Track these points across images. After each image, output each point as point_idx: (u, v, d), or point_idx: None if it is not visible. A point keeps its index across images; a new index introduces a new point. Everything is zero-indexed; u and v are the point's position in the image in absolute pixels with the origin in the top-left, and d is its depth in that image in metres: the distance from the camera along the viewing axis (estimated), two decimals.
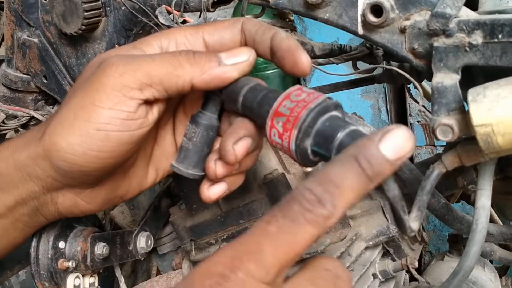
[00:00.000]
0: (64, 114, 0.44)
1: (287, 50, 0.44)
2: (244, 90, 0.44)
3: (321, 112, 0.39)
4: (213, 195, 0.46)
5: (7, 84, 0.76)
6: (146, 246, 0.63)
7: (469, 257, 0.48)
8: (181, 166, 0.47)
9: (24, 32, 0.72)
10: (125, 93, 0.42)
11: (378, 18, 0.49)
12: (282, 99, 0.41)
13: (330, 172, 0.33)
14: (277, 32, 0.45)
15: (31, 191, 0.47)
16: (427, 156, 1.49)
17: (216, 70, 0.43)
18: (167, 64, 0.43)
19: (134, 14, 0.61)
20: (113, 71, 0.42)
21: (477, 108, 0.41)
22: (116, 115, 0.42)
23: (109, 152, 0.43)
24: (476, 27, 0.44)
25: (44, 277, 0.54)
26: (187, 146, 0.47)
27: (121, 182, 0.49)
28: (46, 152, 0.44)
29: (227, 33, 0.46)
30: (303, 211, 0.32)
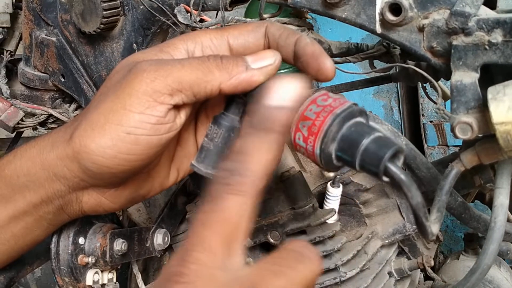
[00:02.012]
0: (94, 117, 0.44)
1: (311, 55, 0.44)
2: None
3: (347, 118, 0.39)
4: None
5: (25, 83, 0.77)
6: (163, 243, 0.64)
7: (487, 255, 0.48)
8: (201, 166, 0.47)
9: (42, 31, 0.73)
10: (156, 98, 0.43)
11: (397, 16, 0.49)
12: (309, 103, 0.41)
13: (235, 145, 0.36)
14: (301, 37, 0.45)
15: (57, 190, 0.47)
16: (439, 156, 1.48)
17: (244, 74, 0.44)
18: (197, 70, 0.43)
19: (152, 13, 0.62)
20: (145, 76, 0.43)
21: (497, 106, 0.41)
22: (146, 119, 0.43)
23: (138, 155, 0.44)
24: (496, 25, 0.44)
25: (64, 272, 0.55)
26: (208, 146, 0.47)
27: (145, 182, 0.50)
28: (76, 154, 0.45)
29: (251, 37, 0.47)
30: (222, 187, 0.34)
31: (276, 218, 0.60)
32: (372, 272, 0.61)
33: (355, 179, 0.61)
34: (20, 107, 0.74)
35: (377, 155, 0.36)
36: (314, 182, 0.61)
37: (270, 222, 0.61)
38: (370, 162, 0.36)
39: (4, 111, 0.72)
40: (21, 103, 0.75)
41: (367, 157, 0.37)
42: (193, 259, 0.33)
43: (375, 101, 1.60)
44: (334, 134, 0.39)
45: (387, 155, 0.36)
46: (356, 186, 0.61)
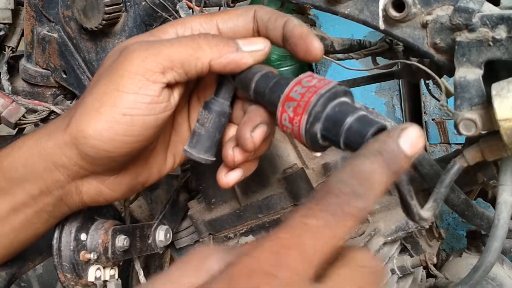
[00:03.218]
0: (89, 101, 0.45)
1: (299, 36, 0.45)
2: (257, 76, 0.45)
3: (331, 98, 0.40)
4: (231, 181, 0.48)
5: (27, 79, 0.77)
6: (165, 239, 0.64)
7: (491, 253, 0.48)
8: (193, 151, 0.48)
9: (44, 27, 0.73)
10: (149, 77, 0.43)
11: (400, 12, 0.49)
12: (294, 84, 0.41)
13: (360, 166, 0.33)
14: (289, 19, 0.46)
15: (56, 180, 0.47)
16: (441, 154, 1.48)
17: (234, 54, 0.45)
18: (187, 47, 0.44)
19: (154, 9, 0.62)
20: (135, 56, 0.43)
21: (501, 103, 0.41)
22: (141, 99, 0.43)
23: (135, 136, 0.44)
24: (500, 21, 0.44)
25: (66, 269, 0.55)
26: (199, 132, 0.48)
27: (143, 169, 0.50)
28: (73, 140, 0.45)
29: (240, 20, 0.47)
30: (341, 204, 0.32)
31: (278, 215, 0.60)
32: None
33: None
34: (22, 103, 0.73)
35: (360, 133, 0.37)
36: (317, 179, 0.61)
37: (273, 219, 0.61)
38: (354, 140, 0.37)
39: (6, 108, 0.71)
40: (23, 100, 0.75)
41: (351, 135, 0.37)
42: (288, 265, 0.30)
43: (377, 99, 1.60)
44: (319, 113, 0.39)
45: (370, 132, 0.36)
46: None
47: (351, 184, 0.32)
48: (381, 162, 0.33)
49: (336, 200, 0.32)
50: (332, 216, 0.31)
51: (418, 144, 0.34)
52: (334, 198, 0.32)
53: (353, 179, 0.32)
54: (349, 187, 0.32)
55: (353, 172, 0.33)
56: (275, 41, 0.47)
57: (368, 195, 0.32)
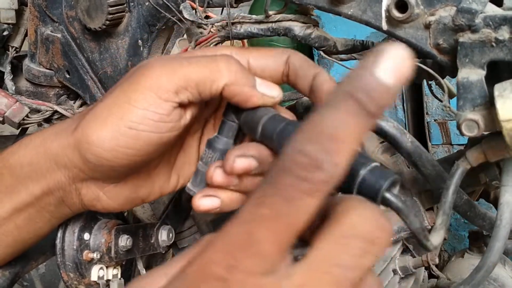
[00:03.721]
0: (99, 110, 0.45)
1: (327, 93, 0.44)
2: (264, 119, 0.44)
3: None
4: (202, 206, 0.45)
5: (30, 79, 0.77)
6: (167, 239, 0.64)
7: (493, 253, 0.48)
8: (197, 190, 0.47)
9: (48, 27, 0.73)
10: (161, 95, 0.43)
11: (403, 13, 0.49)
12: None
13: (323, 121, 0.26)
14: (321, 72, 0.46)
15: (58, 181, 0.47)
16: (443, 154, 1.48)
17: (247, 88, 0.44)
18: (204, 68, 0.43)
19: (157, 9, 0.62)
20: (151, 72, 0.43)
21: (504, 103, 0.41)
22: (149, 116, 0.43)
23: (137, 150, 0.44)
24: (503, 22, 0.44)
25: (69, 268, 0.55)
26: (203, 171, 0.47)
27: (144, 183, 0.50)
28: (77, 143, 0.45)
29: (272, 61, 0.47)
30: (299, 183, 0.26)
31: None
32: (377, 270, 0.61)
33: None
34: (25, 103, 0.74)
35: (374, 187, 0.36)
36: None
37: None
38: (367, 193, 0.37)
39: (10, 107, 0.72)
40: (26, 99, 0.75)
41: (364, 188, 0.37)
42: (242, 267, 0.27)
43: None
44: None
45: (384, 186, 0.36)
46: None
47: (310, 151, 0.26)
48: (353, 106, 0.26)
49: (291, 179, 0.26)
50: (288, 202, 0.26)
51: (403, 67, 0.26)
52: (288, 177, 0.26)
53: (311, 144, 0.26)
54: (308, 156, 0.26)
55: (314, 133, 0.26)
56: (302, 89, 0.47)
57: (335, 160, 0.26)
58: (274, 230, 0.27)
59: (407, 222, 0.38)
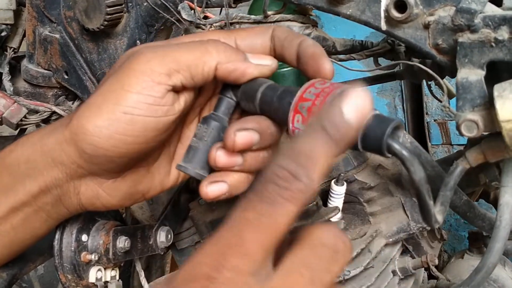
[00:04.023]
0: (93, 99, 0.45)
1: (311, 56, 0.45)
2: (263, 87, 0.45)
3: None
4: (211, 193, 0.45)
5: (29, 80, 0.77)
6: (166, 240, 0.64)
7: (493, 254, 0.48)
8: (189, 165, 0.46)
9: (46, 28, 0.73)
10: (154, 78, 0.43)
11: (402, 13, 0.49)
12: (306, 87, 0.41)
13: (299, 145, 0.32)
14: (304, 40, 0.47)
15: (55, 178, 0.47)
16: (443, 155, 1.48)
17: (240, 63, 0.45)
18: (195, 51, 0.44)
19: (156, 10, 0.62)
20: (142, 57, 0.44)
21: (503, 104, 0.41)
22: (143, 99, 0.43)
23: (134, 136, 0.44)
24: (502, 22, 0.44)
25: (67, 270, 0.55)
26: (196, 146, 0.46)
27: (144, 178, 0.49)
28: (73, 136, 0.45)
29: (258, 38, 0.48)
30: (280, 191, 0.31)
31: None
32: (376, 271, 0.61)
33: (359, 177, 0.61)
34: (24, 104, 0.73)
35: (377, 133, 0.36)
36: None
37: None
38: (372, 140, 0.36)
39: (8, 108, 0.72)
40: (25, 100, 0.75)
41: (368, 136, 0.36)
42: (230, 266, 0.30)
43: (379, 100, 1.60)
44: None
45: (387, 132, 0.36)
46: (360, 184, 0.61)
47: (289, 167, 0.31)
48: (323, 136, 0.32)
49: (273, 187, 0.31)
50: (271, 205, 0.31)
51: (365, 108, 0.32)
52: (271, 186, 0.31)
53: (291, 160, 0.31)
54: (287, 170, 0.31)
55: (292, 153, 0.32)
56: (289, 60, 0.47)
57: (310, 174, 0.31)
58: (259, 231, 0.31)
59: (411, 171, 0.37)
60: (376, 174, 0.61)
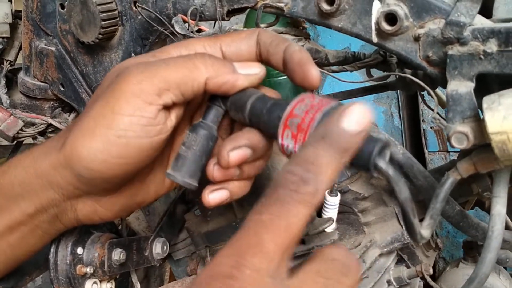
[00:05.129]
0: (85, 122, 0.45)
1: (297, 62, 0.45)
2: (252, 98, 0.45)
3: None
4: (212, 200, 0.47)
5: (25, 92, 0.77)
6: (161, 252, 0.64)
7: (485, 264, 0.48)
8: (177, 174, 0.46)
9: (42, 40, 0.73)
10: (145, 99, 0.43)
11: (392, 26, 0.49)
12: (296, 102, 0.41)
13: (305, 154, 0.35)
14: (290, 45, 0.46)
15: (51, 199, 0.47)
16: (440, 162, 1.48)
17: (229, 75, 0.45)
18: (183, 68, 0.44)
19: (150, 23, 0.62)
20: (132, 78, 0.44)
21: (492, 116, 0.41)
22: (136, 121, 0.43)
23: (129, 158, 0.44)
24: (490, 35, 0.44)
25: (62, 283, 0.55)
26: (185, 155, 0.46)
27: (139, 189, 0.50)
28: (67, 160, 0.45)
29: (244, 44, 0.48)
30: (291, 193, 0.33)
31: None
32: (371, 281, 0.61)
33: (353, 187, 0.61)
34: (20, 116, 0.74)
35: (365, 152, 0.37)
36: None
37: None
38: (359, 158, 0.37)
39: (4, 121, 0.72)
40: (21, 113, 0.75)
41: (356, 154, 0.37)
42: (249, 264, 0.32)
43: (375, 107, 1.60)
44: None
45: (375, 151, 0.37)
46: (354, 194, 0.61)
47: (298, 172, 0.34)
48: (324, 145, 0.34)
49: (284, 190, 0.33)
50: (284, 207, 0.33)
51: (364, 120, 0.35)
52: (282, 189, 0.33)
53: (299, 166, 0.34)
54: (296, 175, 0.33)
55: (299, 161, 0.34)
56: (276, 65, 0.47)
57: (317, 179, 0.33)
58: (274, 232, 0.33)
59: (396, 190, 0.38)
60: (370, 184, 0.62)
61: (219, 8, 0.57)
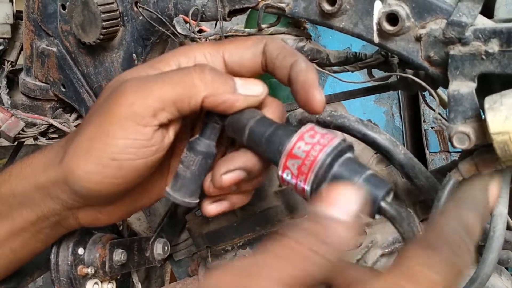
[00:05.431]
0: (80, 142, 0.44)
1: (302, 85, 0.43)
2: (251, 122, 0.43)
3: (337, 156, 0.39)
4: (211, 211, 0.47)
5: (26, 93, 0.77)
6: (163, 252, 0.64)
7: (486, 265, 0.48)
8: (177, 195, 0.46)
9: (43, 41, 0.74)
10: (138, 122, 0.42)
11: (394, 26, 0.49)
12: (296, 140, 0.40)
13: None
14: (297, 61, 0.44)
15: (52, 209, 0.47)
16: (441, 162, 1.48)
17: (229, 95, 0.43)
18: (178, 86, 0.42)
19: (151, 23, 0.62)
20: (124, 100, 0.42)
21: (494, 116, 0.41)
22: (131, 144, 0.42)
23: (124, 178, 0.44)
24: (492, 35, 0.44)
25: (63, 283, 0.55)
26: (184, 174, 0.46)
27: (141, 195, 0.50)
28: (65, 178, 0.45)
29: (248, 53, 0.45)
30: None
31: (275, 228, 0.60)
32: None
33: None
34: (21, 117, 0.74)
35: (370, 196, 0.37)
36: None
37: (270, 232, 0.61)
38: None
39: (5, 122, 0.72)
40: (22, 113, 0.75)
41: None
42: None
43: (376, 108, 1.60)
44: (325, 173, 0.39)
45: (380, 196, 0.37)
46: None
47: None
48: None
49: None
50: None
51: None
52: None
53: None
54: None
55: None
56: (280, 79, 0.45)
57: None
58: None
59: (400, 231, 0.38)
60: None
61: (221, 8, 0.57)
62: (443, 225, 0.33)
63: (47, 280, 1.18)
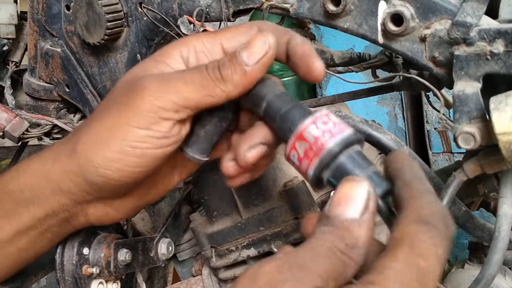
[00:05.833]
0: (96, 131, 0.45)
1: (301, 56, 0.44)
2: (270, 96, 0.44)
3: (345, 147, 0.39)
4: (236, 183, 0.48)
5: (30, 93, 0.78)
6: (167, 252, 0.64)
7: (491, 265, 0.48)
8: (189, 150, 0.48)
9: (47, 42, 0.74)
10: (161, 115, 0.43)
11: (399, 27, 0.49)
12: (309, 123, 0.40)
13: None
14: (293, 37, 0.45)
15: (62, 204, 0.47)
16: (444, 163, 1.48)
17: (244, 78, 0.43)
18: (201, 88, 0.43)
19: (155, 24, 0.62)
20: (148, 94, 0.43)
21: (499, 116, 0.41)
22: (152, 134, 0.43)
23: (143, 167, 0.45)
24: (497, 35, 0.44)
25: (68, 283, 0.55)
26: (198, 132, 0.48)
27: (150, 189, 0.50)
28: (81, 169, 0.45)
29: (244, 38, 0.46)
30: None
31: (280, 228, 0.60)
32: None
33: None
34: (25, 117, 0.74)
35: None
36: (318, 191, 0.61)
37: (274, 232, 0.61)
38: None
39: (9, 122, 0.72)
40: (26, 114, 0.75)
41: None
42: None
43: (379, 108, 1.60)
44: (330, 162, 0.39)
45: (378, 194, 0.37)
46: None
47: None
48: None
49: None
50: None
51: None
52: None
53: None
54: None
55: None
56: (278, 58, 0.46)
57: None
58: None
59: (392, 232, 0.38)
60: None
61: (225, 9, 0.57)
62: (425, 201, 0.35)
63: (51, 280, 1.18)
